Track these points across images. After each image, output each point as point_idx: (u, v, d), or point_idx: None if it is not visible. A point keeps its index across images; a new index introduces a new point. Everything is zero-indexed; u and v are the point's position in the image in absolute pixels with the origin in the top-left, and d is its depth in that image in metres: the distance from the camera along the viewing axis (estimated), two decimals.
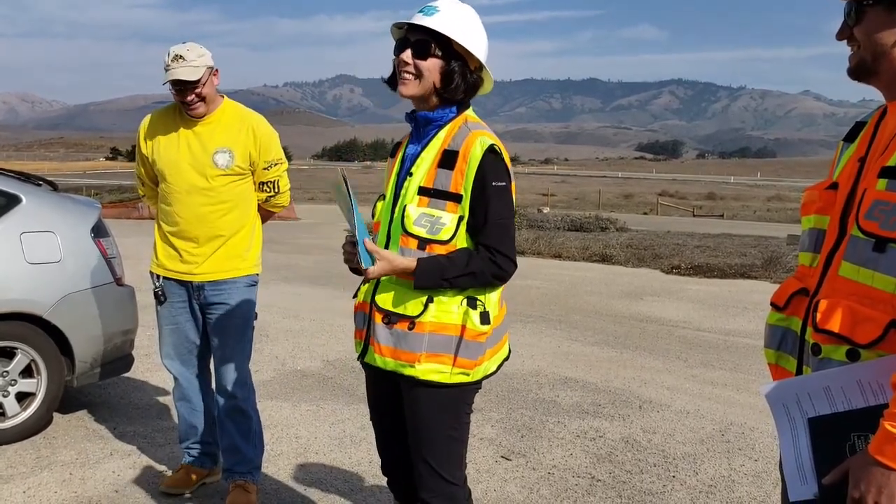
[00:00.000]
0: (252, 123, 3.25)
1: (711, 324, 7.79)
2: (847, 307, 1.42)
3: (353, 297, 2.31)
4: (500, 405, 4.87)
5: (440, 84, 2.11)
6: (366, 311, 2.22)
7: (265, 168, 3.27)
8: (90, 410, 4.62)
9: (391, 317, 2.13)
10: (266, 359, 5.86)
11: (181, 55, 3.04)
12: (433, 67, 2.10)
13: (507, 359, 2.31)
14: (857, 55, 1.52)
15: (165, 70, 3.06)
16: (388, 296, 2.14)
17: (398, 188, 2.19)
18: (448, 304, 2.09)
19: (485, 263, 2.07)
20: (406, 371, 2.12)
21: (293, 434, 4.26)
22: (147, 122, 3.33)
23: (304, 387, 5.22)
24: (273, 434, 4.19)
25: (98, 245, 4.29)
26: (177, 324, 3.31)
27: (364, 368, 2.32)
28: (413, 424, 2.20)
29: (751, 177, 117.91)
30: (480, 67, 2.17)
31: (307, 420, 4.51)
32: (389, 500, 2.88)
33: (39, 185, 4.49)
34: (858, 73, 1.53)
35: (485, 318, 2.12)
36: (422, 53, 2.08)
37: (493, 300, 2.17)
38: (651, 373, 5.80)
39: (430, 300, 2.09)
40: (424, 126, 2.20)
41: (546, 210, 28.95)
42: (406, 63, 2.09)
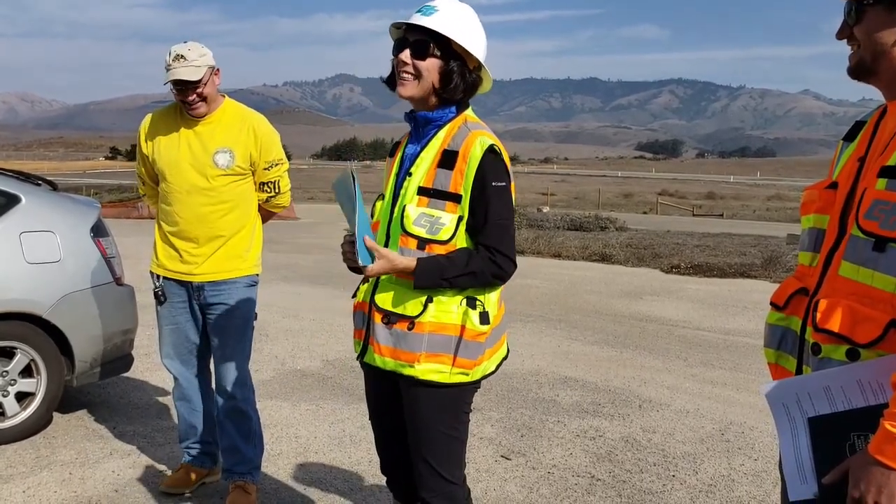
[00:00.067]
0: (253, 123, 3.23)
1: (711, 323, 7.79)
2: (847, 307, 1.42)
3: (353, 297, 2.31)
4: (500, 404, 4.87)
5: (439, 84, 2.11)
6: (365, 311, 2.22)
7: (266, 168, 3.26)
8: (90, 410, 4.62)
9: (390, 317, 2.13)
10: (266, 358, 5.86)
11: (182, 55, 3.02)
12: (432, 67, 2.09)
13: (506, 358, 2.31)
14: (857, 55, 1.51)
15: (167, 70, 3.04)
16: (388, 296, 2.13)
17: (397, 188, 2.19)
18: (447, 304, 2.09)
19: (485, 263, 2.07)
20: (405, 371, 2.12)
21: (293, 433, 4.26)
22: (148, 122, 3.32)
23: (304, 386, 5.22)
24: (273, 433, 4.19)
25: (98, 245, 4.29)
26: (177, 324, 3.31)
27: (363, 368, 2.32)
28: (412, 424, 2.20)
29: (750, 176, 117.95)
30: (479, 67, 2.16)
31: (307, 419, 4.51)
32: (389, 500, 2.88)
33: (39, 185, 4.49)
34: (858, 73, 1.53)
35: (484, 318, 2.12)
36: (420, 53, 2.08)
37: (493, 300, 2.17)
38: (651, 372, 5.80)
39: (430, 300, 2.08)
40: (424, 126, 2.19)
41: (546, 209, 28.95)
42: (405, 63, 2.09)
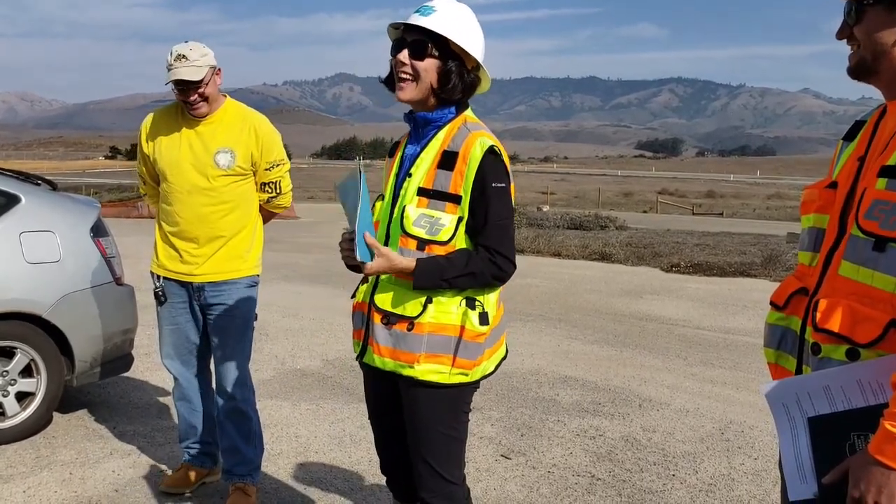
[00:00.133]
0: (254, 123, 3.22)
1: (711, 322, 7.79)
2: (847, 306, 1.42)
3: (352, 298, 2.31)
4: (500, 404, 4.87)
5: (437, 84, 2.10)
6: (364, 312, 2.22)
7: (267, 169, 3.24)
8: (90, 410, 4.62)
9: (390, 317, 2.12)
10: (266, 358, 5.86)
11: (184, 54, 3.00)
12: (430, 68, 2.09)
13: (505, 358, 2.31)
14: (858, 54, 1.51)
15: (168, 69, 3.02)
16: (387, 296, 2.13)
17: (397, 189, 2.18)
18: (447, 305, 2.09)
19: (484, 264, 2.07)
20: (405, 371, 2.12)
21: (293, 433, 4.26)
22: (149, 121, 3.30)
23: (304, 386, 5.22)
24: (273, 433, 4.19)
25: (97, 244, 4.29)
26: (177, 324, 3.31)
27: (362, 368, 2.32)
28: (412, 424, 2.20)
29: (750, 175, 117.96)
30: (478, 67, 2.16)
31: (307, 419, 4.51)
32: (389, 500, 2.88)
33: (38, 185, 4.48)
34: (858, 73, 1.53)
35: (483, 319, 2.12)
36: (419, 54, 2.07)
37: (492, 301, 2.17)
38: (651, 371, 5.80)
39: (429, 301, 2.08)
40: (423, 126, 2.19)
41: (545, 208, 28.96)
42: (403, 63, 2.08)
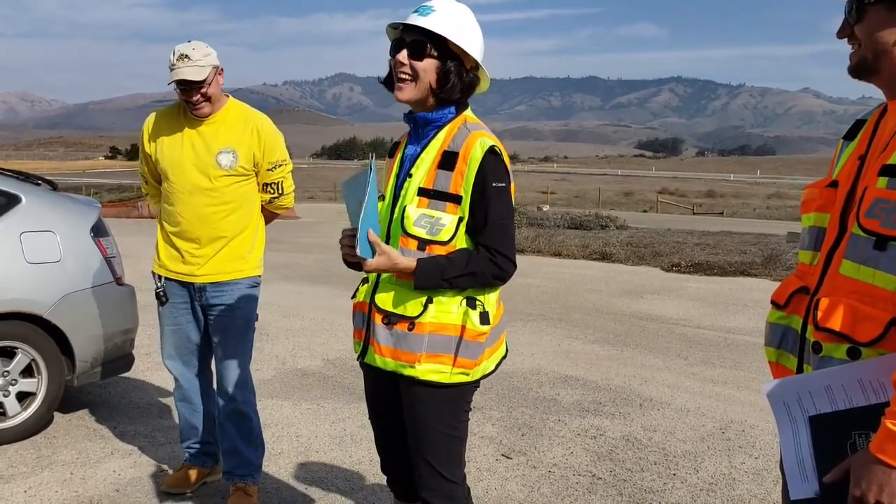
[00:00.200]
0: (257, 124, 3.21)
1: (711, 321, 7.79)
2: (848, 305, 1.42)
3: (352, 298, 2.31)
4: (501, 404, 4.87)
5: (436, 84, 2.10)
6: (365, 312, 2.22)
7: (269, 169, 3.23)
8: (91, 410, 4.62)
9: (391, 317, 2.12)
10: (266, 358, 5.86)
11: (187, 54, 3.00)
12: (429, 68, 2.09)
13: (505, 357, 2.31)
14: (858, 53, 1.51)
15: (171, 69, 3.02)
16: (388, 296, 2.13)
17: (398, 189, 2.18)
18: (448, 305, 2.09)
19: (485, 264, 2.07)
20: (406, 371, 2.12)
21: (294, 433, 4.26)
22: (151, 121, 3.30)
23: (305, 385, 5.22)
24: (273, 433, 4.19)
25: (98, 244, 4.29)
26: (178, 325, 3.30)
27: (363, 368, 2.32)
28: (412, 423, 2.20)
29: (750, 174, 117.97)
30: (477, 66, 2.16)
31: (308, 419, 4.51)
32: (390, 499, 2.88)
33: (39, 185, 4.49)
34: (859, 72, 1.53)
35: (484, 319, 2.12)
36: (417, 54, 2.07)
37: (492, 300, 2.17)
38: (651, 371, 5.80)
39: (430, 301, 2.08)
40: (423, 126, 2.19)
41: (546, 208, 28.96)
42: (402, 64, 2.08)
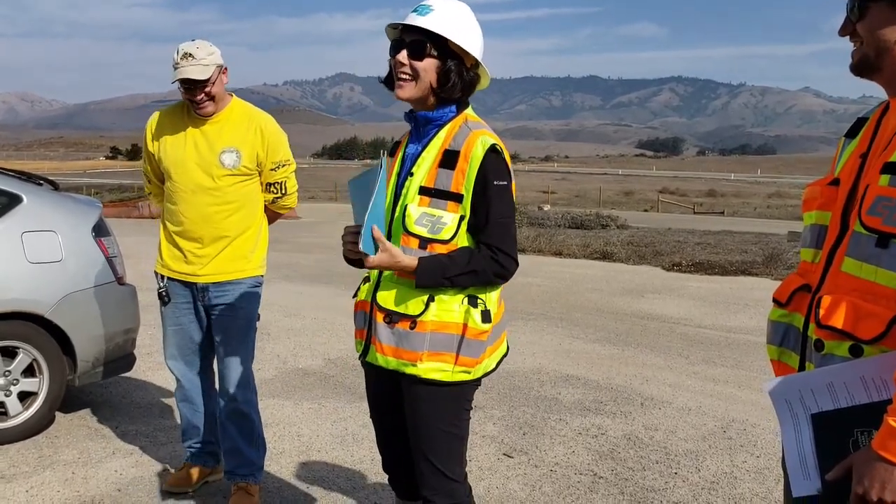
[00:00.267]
0: (260, 123, 3.20)
1: (713, 321, 7.79)
2: (850, 303, 1.42)
3: (354, 297, 2.31)
4: (502, 403, 4.87)
5: (437, 84, 2.10)
6: (366, 311, 2.22)
7: (272, 169, 3.22)
8: (92, 409, 4.63)
9: (392, 316, 2.12)
10: (267, 357, 5.86)
11: (191, 53, 2.98)
12: (429, 67, 2.09)
13: (506, 355, 2.32)
14: (860, 51, 1.51)
15: (174, 68, 3.00)
16: (390, 295, 2.13)
17: (399, 188, 2.18)
18: (449, 303, 2.09)
19: (486, 262, 2.07)
20: (408, 370, 2.12)
21: (295, 432, 4.27)
22: (155, 120, 3.29)
23: (306, 385, 5.22)
24: (275, 432, 4.19)
25: (99, 244, 4.29)
26: (181, 325, 3.30)
27: (364, 367, 2.32)
28: (414, 422, 2.20)
29: (751, 174, 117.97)
30: (477, 65, 2.16)
31: (309, 418, 4.51)
32: (392, 498, 2.88)
33: (40, 185, 4.49)
34: (861, 70, 1.53)
35: (486, 317, 2.13)
36: (417, 54, 2.07)
37: (494, 298, 2.17)
38: (652, 370, 5.80)
39: (432, 299, 2.09)
40: (424, 125, 2.19)
41: (547, 208, 28.97)
42: (402, 64, 2.08)
